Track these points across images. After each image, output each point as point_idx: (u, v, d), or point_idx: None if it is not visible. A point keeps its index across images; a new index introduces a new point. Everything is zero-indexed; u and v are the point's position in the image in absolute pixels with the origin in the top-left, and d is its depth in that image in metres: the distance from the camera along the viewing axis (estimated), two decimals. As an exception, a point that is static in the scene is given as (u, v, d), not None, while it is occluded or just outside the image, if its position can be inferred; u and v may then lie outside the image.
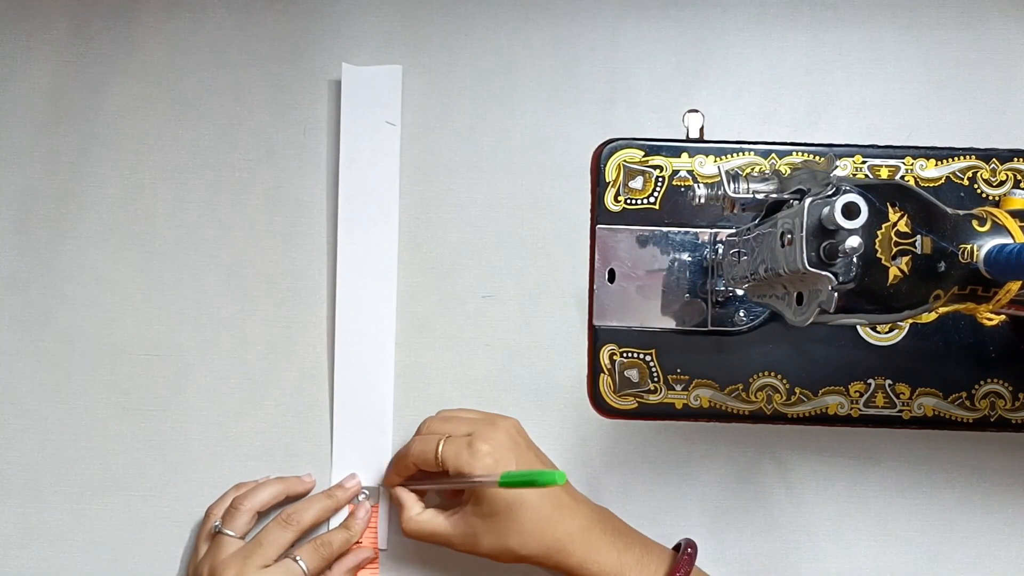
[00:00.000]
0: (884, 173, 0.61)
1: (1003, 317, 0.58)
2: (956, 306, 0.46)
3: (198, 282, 0.63)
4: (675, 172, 0.61)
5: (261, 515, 0.58)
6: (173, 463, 0.62)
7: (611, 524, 0.55)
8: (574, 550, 0.52)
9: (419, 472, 0.57)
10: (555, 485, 0.49)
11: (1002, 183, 0.60)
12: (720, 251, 0.60)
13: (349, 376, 0.61)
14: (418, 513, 0.56)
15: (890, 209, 0.42)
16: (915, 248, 0.42)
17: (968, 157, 0.61)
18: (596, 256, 0.61)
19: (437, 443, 0.54)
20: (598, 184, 0.62)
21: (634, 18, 0.64)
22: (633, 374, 0.60)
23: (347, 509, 0.60)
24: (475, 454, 0.53)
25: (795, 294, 0.45)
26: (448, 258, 0.63)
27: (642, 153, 0.62)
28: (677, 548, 0.55)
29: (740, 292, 0.59)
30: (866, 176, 0.61)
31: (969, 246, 0.44)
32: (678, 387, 0.60)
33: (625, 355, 0.61)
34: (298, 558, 0.55)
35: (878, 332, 0.60)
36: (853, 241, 0.40)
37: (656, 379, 0.60)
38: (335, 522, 0.59)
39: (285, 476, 0.60)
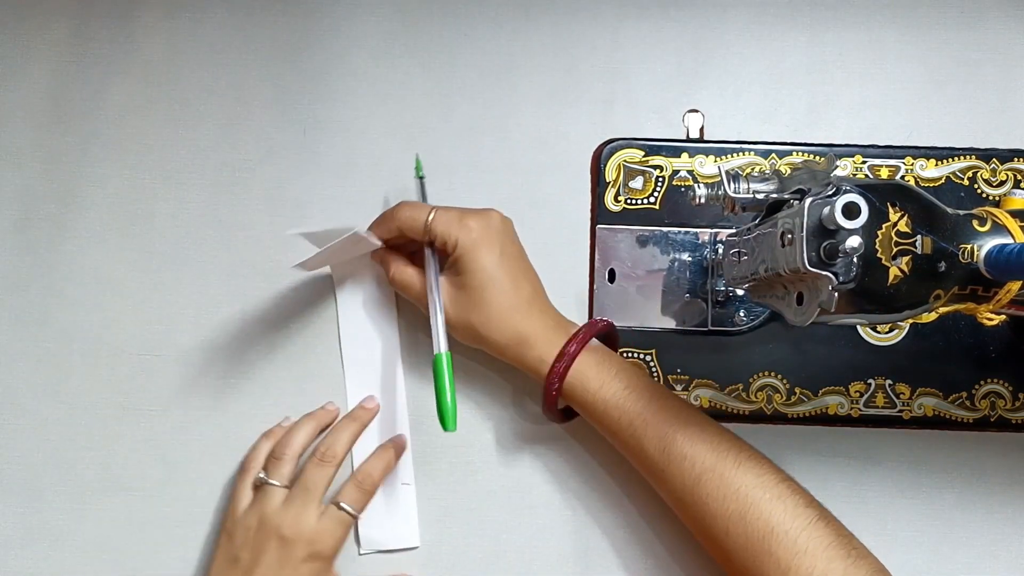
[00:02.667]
0: (884, 173, 0.61)
1: (1003, 317, 0.58)
2: (956, 306, 0.46)
3: (198, 282, 0.63)
4: (675, 172, 0.61)
5: None
6: (173, 463, 0.62)
7: (561, 324, 0.57)
8: (535, 344, 0.55)
9: (395, 239, 0.58)
10: (444, 428, 0.51)
11: (1002, 183, 0.60)
12: (720, 251, 0.60)
13: (356, 376, 0.62)
14: (404, 267, 0.58)
15: (890, 209, 0.42)
16: (915, 248, 0.42)
17: (968, 157, 0.61)
18: (596, 256, 0.61)
19: (430, 211, 0.56)
20: (598, 184, 0.62)
21: (634, 18, 0.64)
22: (633, 374, 0.60)
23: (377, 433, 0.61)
24: (463, 227, 0.55)
25: (795, 294, 0.45)
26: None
27: (642, 153, 0.62)
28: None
29: (740, 292, 0.59)
30: (866, 176, 0.61)
31: (969, 246, 0.44)
32: (678, 387, 0.60)
33: (625, 355, 0.60)
34: (343, 504, 0.56)
35: (878, 332, 0.60)
36: (853, 241, 0.40)
37: (656, 379, 0.60)
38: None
39: (311, 412, 0.60)
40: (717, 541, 0.51)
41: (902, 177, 0.61)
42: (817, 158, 0.61)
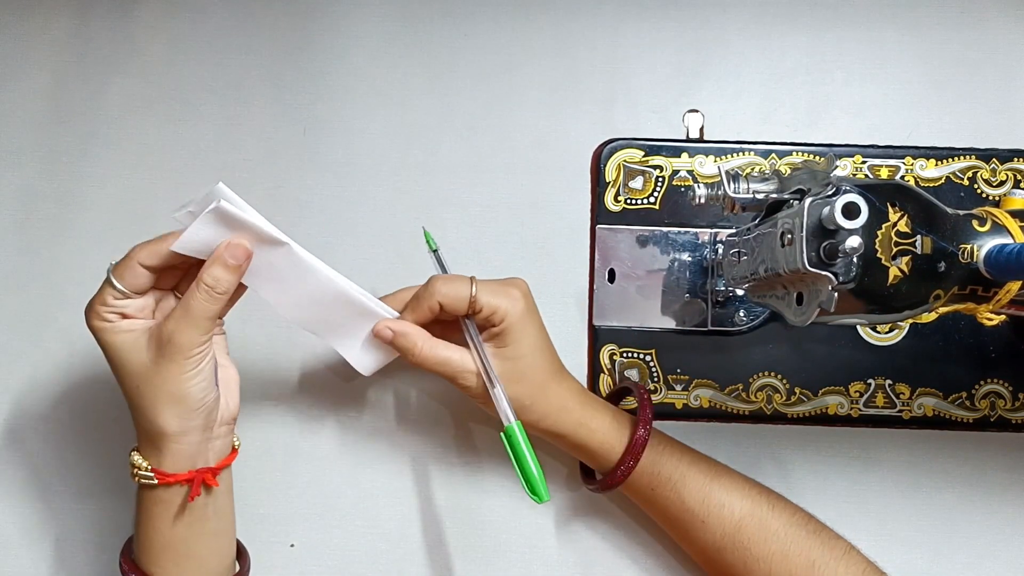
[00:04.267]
0: (884, 173, 0.61)
1: (1003, 317, 0.58)
2: (956, 306, 0.46)
3: (198, 282, 0.63)
4: (675, 172, 0.61)
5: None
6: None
7: (589, 394, 0.57)
8: (574, 408, 0.54)
9: (437, 316, 0.53)
10: (536, 500, 0.50)
11: (1002, 183, 0.60)
12: (720, 251, 0.60)
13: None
14: (435, 343, 0.53)
15: (890, 209, 0.42)
16: (915, 248, 0.42)
17: (968, 157, 0.61)
18: (596, 256, 0.61)
19: (471, 281, 0.52)
20: (598, 184, 0.62)
21: (634, 18, 0.64)
22: (633, 374, 0.60)
23: None
24: (510, 297, 0.53)
25: (795, 294, 0.45)
26: (448, 258, 0.63)
27: (642, 153, 0.62)
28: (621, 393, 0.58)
29: (740, 292, 0.59)
30: (866, 176, 0.61)
31: (969, 246, 0.44)
32: (678, 387, 0.60)
33: (625, 355, 0.60)
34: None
35: (878, 332, 0.60)
36: (853, 241, 0.40)
37: (656, 379, 0.60)
38: None
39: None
40: None
41: (902, 177, 0.61)
42: (817, 158, 0.61)
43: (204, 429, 0.50)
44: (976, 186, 0.60)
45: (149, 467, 0.49)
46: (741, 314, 0.60)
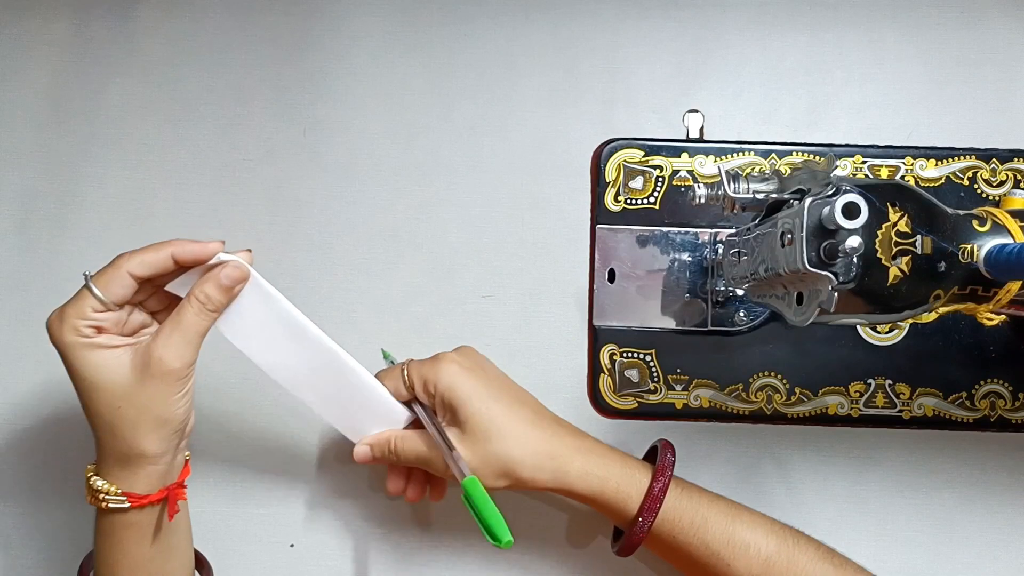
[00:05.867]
0: (884, 173, 0.61)
1: (1003, 317, 0.58)
2: (956, 306, 0.46)
3: (198, 282, 0.63)
4: (675, 172, 0.61)
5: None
6: (173, 463, 0.62)
7: (590, 439, 0.54)
8: (572, 458, 0.52)
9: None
10: (499, 545, 0.46)
11: (1002, 183, 0.60)
12: (720, 251, 0.60)
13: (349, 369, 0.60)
14: (401, 435, 0.53)
15: (890, 209, 0.42)
16: (915, 248, 0.42)
17: (968, 157, 0.61)
18: (596, 256, 0.61)
19: (401, 368, 0.53)
20: (598, 184, 0.62)
21: (634, 18, 0.64)
22: (633, 374, 0.60)
23: None
24: (436, 364, 0.52)
25: (795, 294, 0.45)
26: (448, 258, 0.63)
27: (642, 153, 0.62)
28: (651, 453, 0.56)
29: (740, 292, 0.59)
30: (866, 176, 0.61)
31: (969, 246, 0.44)
32: (678, 387, 0.60)
33: (625, 355, 0.60)
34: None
35: (878, 332, 0.60)
36: (853, 241, 0.40)
37: (656, 379, 0.60)
38: None
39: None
40: None
41: (902, 177, 0.61)
42: (817, 158, 0.61)
43: (177, 448, 0.49)
44: (976, 186, 0.60)
45: (119, 491, 0.47)
46: (741, 314, 0.60)
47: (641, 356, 0.60)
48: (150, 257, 0.47)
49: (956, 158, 0.61)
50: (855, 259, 0.41)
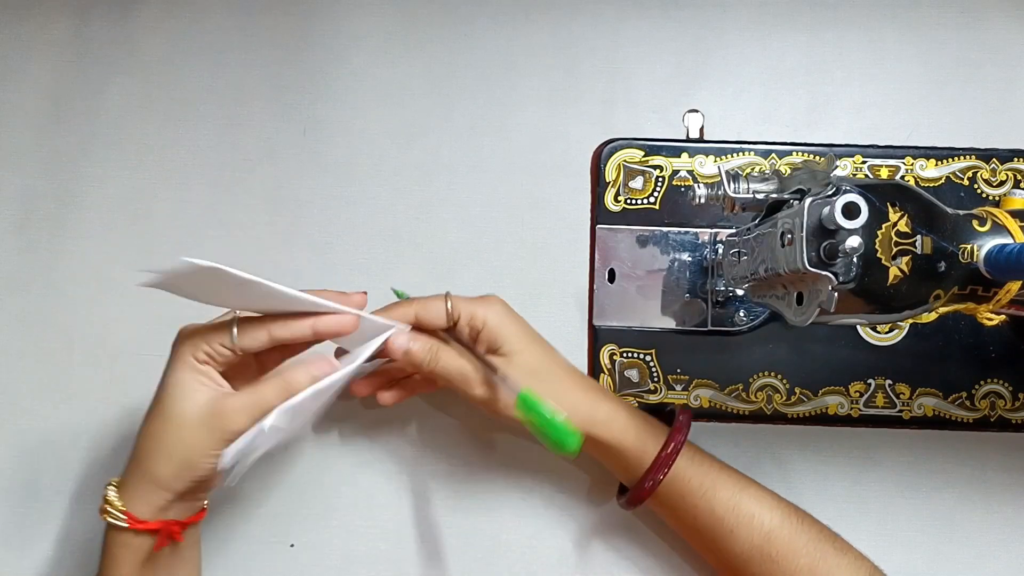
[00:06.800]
0: (884, 173, 0.61)
1: (1003, 317, 0.58)
2: (956, 306, 0.46)
3: (198, 282, 0.63)
4: (675, 172, 0.61)
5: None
6: (173, 463, 0.62)
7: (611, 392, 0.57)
8: (602, 402, 0.54)
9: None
10: (567, 449, 0.47)
11: (1002, 183, 0.60)
12: (720, 251, 0.60)
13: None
14: (454, 354, 0.53)
15: (890, 209, 0.42)
16: (915, 248, 0.42)
17: (968, 157, 0.61)
18: (596, 256, 0.61)
19: (445, 299, 0.53)
20: (598, 184, 0.62)
21: (634, 18, 0.64)
22: (633, 374, 0.60)
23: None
24: (484, 303, 0.53)
25: (795, 294, 0.45)
26: (448, 258, 0.63)
27: (642, 153, 0.62)
28: (668, 416, 0.56)
29: (740, 292, 0.59)
30: (866, 176, 0.61)
31: (969, 246, 0.44)
32: (678, 387, 0.60)
33: (625, 355, 0.60)
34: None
35: (878, 332, 0.60)
36: (853, 241, 0.40)
37: (656, 379, 0.60)
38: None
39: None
40: None
41: (902, 177, 0.61)
42: (817, 158, 0.61)
43: (189, 492, 0.49)
44: (976, 186, 0.60)
45: (123, 507, 0.48)
46: (741, 314, 0.60)
47: (641, 356, 0.60)
48: (296, 328, 0.48)
49: (956, 158, 0.61)
50: (855, 259, 0.41)
